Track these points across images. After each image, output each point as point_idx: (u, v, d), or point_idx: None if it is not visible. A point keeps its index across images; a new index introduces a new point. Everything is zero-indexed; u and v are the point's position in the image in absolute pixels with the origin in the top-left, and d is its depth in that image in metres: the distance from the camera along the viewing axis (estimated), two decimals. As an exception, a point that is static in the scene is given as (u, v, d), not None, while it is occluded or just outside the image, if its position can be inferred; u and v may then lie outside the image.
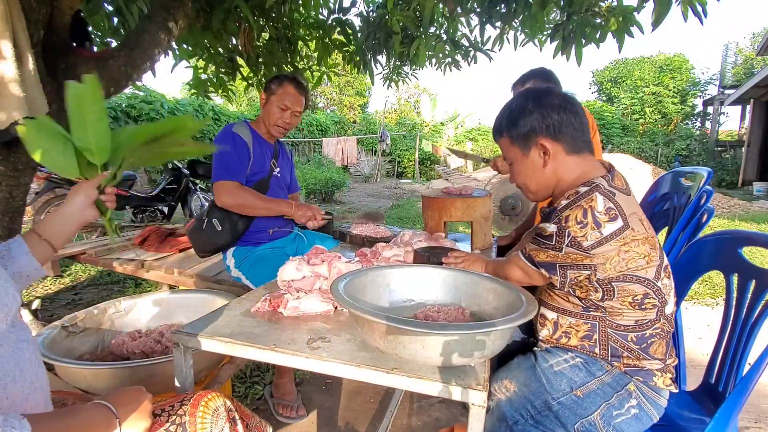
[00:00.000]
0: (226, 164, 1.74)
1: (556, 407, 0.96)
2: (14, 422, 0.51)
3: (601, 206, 0.88)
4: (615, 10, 2.19)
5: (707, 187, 1.53)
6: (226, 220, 1.76)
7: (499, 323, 0.78)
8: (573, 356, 1.00)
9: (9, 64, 1.50)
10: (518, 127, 1.02)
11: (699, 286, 3.38)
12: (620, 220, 0.88)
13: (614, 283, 0.91)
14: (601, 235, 0.87)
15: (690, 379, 1.34)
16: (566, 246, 0.89)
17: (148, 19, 2.21)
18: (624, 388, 0.95)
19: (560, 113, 0.98)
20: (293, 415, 1.72)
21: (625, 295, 0.92)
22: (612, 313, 0.95)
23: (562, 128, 0.98)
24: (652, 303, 0.93)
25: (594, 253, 0.88)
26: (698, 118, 18.08)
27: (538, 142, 1.00)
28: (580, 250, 0.88)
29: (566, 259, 0.91)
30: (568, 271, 0.92)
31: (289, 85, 1.81)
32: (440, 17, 2.82)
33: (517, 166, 1.07)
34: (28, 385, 0.67)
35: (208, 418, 0.79)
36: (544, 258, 0.95)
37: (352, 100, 22.61)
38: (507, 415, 0.99)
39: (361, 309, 0.81)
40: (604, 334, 0.97)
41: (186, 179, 4.87)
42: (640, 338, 0.95)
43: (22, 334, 0.69)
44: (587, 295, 0.96)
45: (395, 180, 14.76)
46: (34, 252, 0.84)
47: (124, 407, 0.69)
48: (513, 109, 1.04)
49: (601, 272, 0.89)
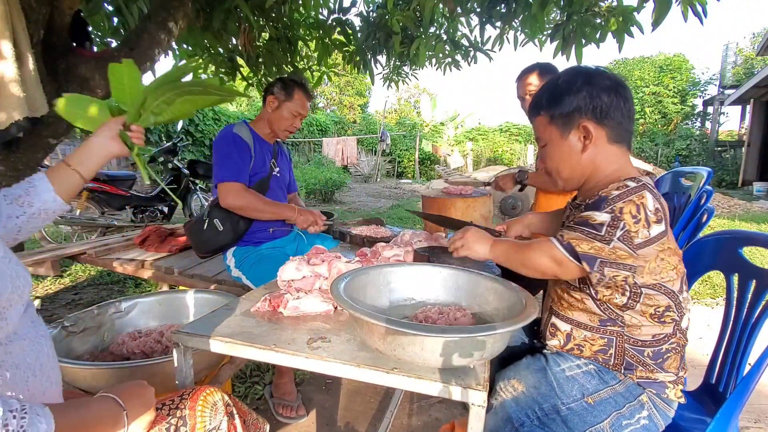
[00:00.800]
0: (229, 165, 1.74)
1: (565, 412, 0.94)
2: (38, 409, 0.53)
3: (652, 206, 0.82)
4: (615, 10, 2.19)
5: (707, 187, 1.53)
6: (228, 220, 1.77)
7: (500, 327, 0.78)
8: (586, 363, 0.97)
9: (9, 64, 1.50)
10: (561, 106, 0.93)
11: (699, 286, 3.38)
12: (664, 224, 0.83)
13: (644, 289, 0.87)
14: (649, 235, 0.81)
15: (690, 379, 1.34)
16: (617, 239, 0.81)
17: (148, 19, 2.21)
18: (637, 399, 0.92)
19: (611, 96, 0.90)
20: (293, 415, 1.73)
21: (650, 304, 0.88)
22: (630, 327, 0.91)
23: (610, 113, 0.90)
24: (672, 317, 0.90)
25: (639, 254, 0.82)
26: (698, 118, 18.07)
27: (581, 124, 0.92)
28: (629, 247, 0.81)
29: (611, 255, 0.83)
30: (606, 268, 0.84)
31: (302, 92, 1.86)
32: (440, 17, 2.83)
33: (552, 148, 0.98)
34: (46, 379, 0.69)
35: (207, 412, 0.81)
36: (587, 249, 0.85)
37: (352, 100, 22.61)
38: (513, 416, 0.96)
39: (361, 310, 0.81)
40: (621, 348, 0.93)
41: (186, 179, 4.87)
42: (656, 353, 0.92)
43: (40, 329, 0.71)
44: (611, 299, 0.90)
45: (395, 180, 14.76)
46: (63, 183, 0.88)
47: (130, 401, 0.70)
48: (558, 85, 0.95)
49: (639, 276, 0.85)
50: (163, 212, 4.80)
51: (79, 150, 0.93)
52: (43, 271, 2.34)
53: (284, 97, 1.84)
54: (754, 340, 1.03)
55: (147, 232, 2.59)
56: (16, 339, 0.64)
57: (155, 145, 7.78)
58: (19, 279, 0.64)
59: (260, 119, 1.92)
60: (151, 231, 2.59)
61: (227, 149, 1.75)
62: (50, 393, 0.69)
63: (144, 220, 4.57)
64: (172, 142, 4.98)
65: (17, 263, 0.66)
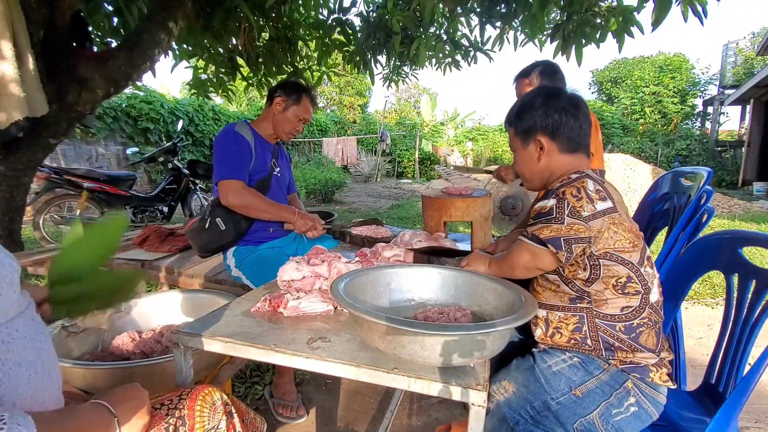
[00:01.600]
0: (230, 163, 1.74)
1: (555, 407, 0.97)
2: (20, 419, 0.52)
3: (592, 187, 0.96)
4: (615, 10, 2.19)
5: (707, 187, 1.53)
6: (230, 219, 1.77)
7: (500, 324, 0.78)
8: (571, 356, 1.01)
9: (9, 64, 1.50)
10: (522, 121, 1.11)
11: (699, 286, 3.37)
12: (609, 201, 0.95)
13: (601, 261, 0.96)
14: (595, 209, 0.94)
15: (690, 379, 1.34)
16: (567, 216, 0.94)
17: (148, 19, 2.21)
18: (622, 386, 0.96)
19: (561, 115, 1.05)
20: (293, 415, 1.72)
21: (610, 275, 0.96)
22: (597, 302, 0.98)
23: (560, 129, 1.06)
24: (635, 288, 0.96)
25: (591, 226, 0.93)
26: (698, 118, 18.06)
27: (537, 138, 1.08)
28: (580, 220, 0.93)
29: (569, 231, 0.94)
30: (573, 245, 0.95)
31: (309, 98, 1.90)
32: (440, 17, 2.83)
33: (517, 156, 1.17)
34: (47, 376, 0.68)
35: (206, 411, 0.81)
36: (548, 233, 0.96)
37: (352, 100, 22.60)
38: (507, 417, 1.00)
39: (360, 309, 0.81)
40: (593, 324, 0.99)
41: (186, 179, 4.87)
42: (628, 327, 0.96)
43: (40, 327, 0.71)
44: (575, 275, 0.99)
45: (395, 180, 14.76)
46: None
47: (121, 406, 0.69)
48: (523, 103, 1.11)
49: (594, 246, 0.95)
50: (163, 212, 4.80)
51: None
52: (43, 271, 2.33)
53: (293, 101, 1.86)
54: (754, 340, 1.03)
55: (147, 232, 2.59)
56: (18, 336, 0.64)
57: (155, 145, 7.78)
58: (4, 267, 0.62)
59: (263, 119, 1.92)
60: (151, 231, 2.59)
61: (229, 147, 1.75)
62: (51, 391, 0.69)
63: (144, 220, 4.57)
64: (172, 142, 4.98)
65: (0, 249, 0.65)
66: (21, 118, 1.56)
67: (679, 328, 1.47)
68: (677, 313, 1.36)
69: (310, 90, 1.92)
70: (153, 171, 7.87)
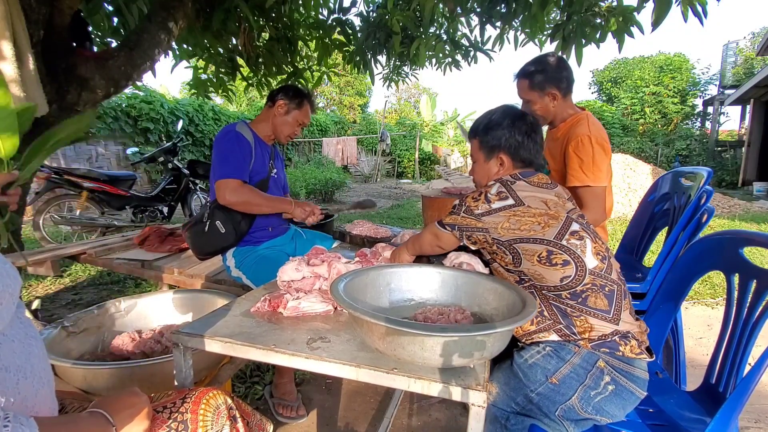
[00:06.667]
0: (228, 162, 1.73)
1: (536, 399, 1.02)
2: (23, 419, 0.52)
3: (495, 191, 1.10)
4: (615, 10, 2.19)
5: (707, 187, 1.53)
6: (230, 221, 1.76)
7: (499, 325, 0.78)
8: (544, 347, 1.05)
9: (9, 64, 1.50)
10: (488, 137, 1.22)
11: (699, 286, 3.37)
12: (511, 200, 1.08)
13: (515, 245, 1.07)
14: (490, 207, 1.08)
15: (690, 379, 1.34)
16: (462, 212, 1.12)
17: (148, 19, 2.21)
18: (594, 365, 0.99)
19: (524, 137, 1.18)
20: (293, 415, 1.72)
21: (530, 254, 1.05)
22: (536, 278, 1.06)
23: (520, 150, 1.19)
24: (562, 258, 1.03)
25: (484, 220, 1.08)
26: (698, 118, 18.04)
27: (499, 155, 1.21)
28: (471, 216, 1.10)
29: (463, 222, 1.12)
30: (473, 234, 1.12)
31: (309, 104, 1.93)
32: (440, 17, 2.83)
33: (478, 166, 1.29)
34: (38, 380, 0.67)
35: (209, 416, 0.80)
36: (448, 220, 1.16)
37: (352, 100, 22.59)
38: (498, 416, 1.06)
39: (360, 310, 0.81)
40: (543, 296, 1.07)
41: (186, 179, 4.87)
42: (573, 294, 1.03)
43: (29, 330, 0.70)
44: (504, 261, 1.11)
45: (395, 180, 14.75)
46: None
47: (120, 414, 0.68)
48: (491, 120, 1.23)
49: (495, 234, 1.08)
50: (163, 212, 4.80)
51: None
52: (43, 271, 2.34)
53: (295, 105, 1.87)
54: (754, 340, 1.03)
55: (147, 232, 2.59)
56: (5, 341, 0.62)
57: (155, 145, 7.78)
58: (9, 278, 0.62)
59: (261, 121, 1.91)
60: (151, 231, 2.59)
61: (231, 147, 1.75)
62: (42, 394, 0.68)
63: (144, 220, 4.56)
64: (172, 142, 4.98)
65: (4, 261, 0.64)
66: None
67: (679, 328, 1.47)
68: (677, 313, 1.36)
69: (311, 95, 1.95)
70: (153, 171, 7.87)
